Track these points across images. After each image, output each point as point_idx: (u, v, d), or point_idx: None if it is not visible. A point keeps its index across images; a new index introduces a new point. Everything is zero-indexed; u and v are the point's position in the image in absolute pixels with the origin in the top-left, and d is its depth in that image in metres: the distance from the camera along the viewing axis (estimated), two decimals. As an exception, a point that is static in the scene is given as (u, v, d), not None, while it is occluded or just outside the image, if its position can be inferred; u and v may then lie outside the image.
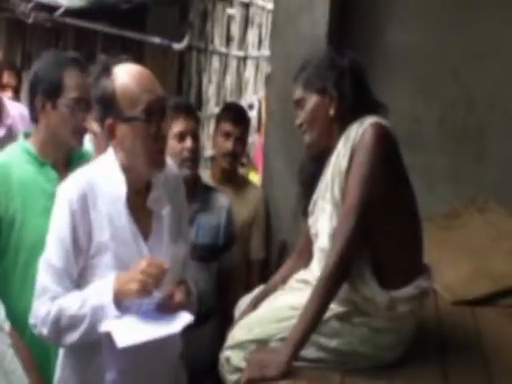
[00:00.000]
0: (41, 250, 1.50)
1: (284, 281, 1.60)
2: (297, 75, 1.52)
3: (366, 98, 1.47)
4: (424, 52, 2.43)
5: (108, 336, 1.30)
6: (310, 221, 1.52)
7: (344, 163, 1.39)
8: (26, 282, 1.59)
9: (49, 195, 1.61)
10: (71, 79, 1.62)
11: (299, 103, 1.50)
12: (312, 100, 1.47)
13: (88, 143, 2.02)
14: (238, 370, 1.44)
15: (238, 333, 1.51)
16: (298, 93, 1.50)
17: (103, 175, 1.37)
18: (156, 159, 1.36)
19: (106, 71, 1.34)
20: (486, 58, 2.39)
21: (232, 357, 1.48)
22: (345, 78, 1.45)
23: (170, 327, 1.33)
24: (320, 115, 1.46)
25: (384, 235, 1.38)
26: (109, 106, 1.33)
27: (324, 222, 1.44)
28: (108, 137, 1.36)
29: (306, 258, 1.57)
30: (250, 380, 1.33)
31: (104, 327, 1.31)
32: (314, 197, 1.51)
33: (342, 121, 1.44)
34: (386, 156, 1.37)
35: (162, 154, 1.38)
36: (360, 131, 1.38)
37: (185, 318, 1.35)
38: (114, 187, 1.36)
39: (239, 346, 1.48)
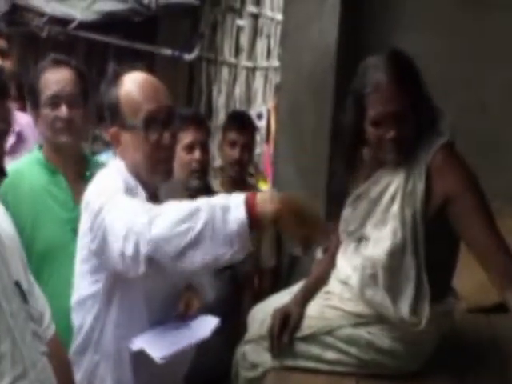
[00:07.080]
0: (52, 256, 1.50)
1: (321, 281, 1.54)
2: (391, 83, 1.36)
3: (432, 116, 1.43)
4: (435, 60, 2.42)
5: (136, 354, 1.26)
6: (345, 214, 1.45)
7: (421, 186, 1.35)
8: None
9: (60, 203, 1.64)
10: (45, 79, 1.65)
11: (397, 116, 1.35)
12: (407, 113, 1.36)
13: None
14: (254, 366, 1.44)
15: (254, 328, 1.50)
16: (398, 105, 1.35)
17: (122, 181, 1.35)
18: (158, 168, 1.34)
19: (115, 79, 1.35)
20: (498, 65, 2.37)
21: (248, 352, 1.47)
22: (422, 98, 1.39)
23: (201, 333, 1.32)
24: (410, 128, 1.37)
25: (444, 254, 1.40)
26: (114, 113, 1.34)
27: (383, 233, 1.37)
28: (113, 145, 1.37)
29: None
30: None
31: (133, 346, 1.26)
32: (357, 191, 1.44)
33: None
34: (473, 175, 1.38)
35: (165, 163, 1.35)
36: (430, 154, 1.36)
37: (212, 322, 1.35)
38: (134, 193, 1.34)
39: (255, 340, 1.47)
